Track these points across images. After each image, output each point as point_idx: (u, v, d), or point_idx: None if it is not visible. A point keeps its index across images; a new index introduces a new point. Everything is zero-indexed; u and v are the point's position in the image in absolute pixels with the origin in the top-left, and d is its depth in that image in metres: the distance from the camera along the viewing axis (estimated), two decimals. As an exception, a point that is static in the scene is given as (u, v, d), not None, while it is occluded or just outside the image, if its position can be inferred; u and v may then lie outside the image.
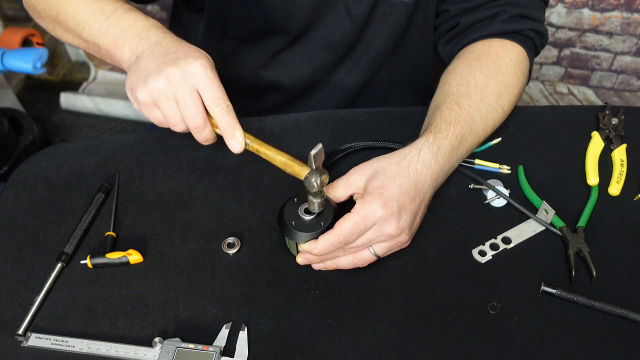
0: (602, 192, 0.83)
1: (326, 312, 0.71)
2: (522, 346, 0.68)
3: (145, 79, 0.68)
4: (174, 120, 0.70)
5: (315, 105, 1.06)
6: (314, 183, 0.67)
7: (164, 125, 0.72)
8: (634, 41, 1.96)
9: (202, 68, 0.68)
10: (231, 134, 0.70)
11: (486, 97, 0.81)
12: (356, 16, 0.94)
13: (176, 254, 0.77)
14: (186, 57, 0.68)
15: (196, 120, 0.69)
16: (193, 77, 0.67)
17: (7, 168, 1.75)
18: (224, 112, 0.69)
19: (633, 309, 0.70)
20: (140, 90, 0.69)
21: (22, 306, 0.72)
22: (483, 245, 0.77)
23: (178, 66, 0.67)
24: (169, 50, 0.70)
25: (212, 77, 0.68)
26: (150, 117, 0.71)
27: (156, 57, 0.69)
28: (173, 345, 0.67)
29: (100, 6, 0.75)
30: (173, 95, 0.68)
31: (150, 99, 0.69)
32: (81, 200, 0.83)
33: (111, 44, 0.74)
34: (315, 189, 0.68)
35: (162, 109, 0.69)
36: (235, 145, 0.70)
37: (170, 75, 0.67)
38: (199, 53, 0.70)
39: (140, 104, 0.70)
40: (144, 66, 0.69)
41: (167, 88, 0.68)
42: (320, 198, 0.70)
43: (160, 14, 2.21)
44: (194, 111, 0.68)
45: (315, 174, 0.67)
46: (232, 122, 0.69)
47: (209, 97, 0.68)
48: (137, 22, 0.74)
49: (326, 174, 0.68)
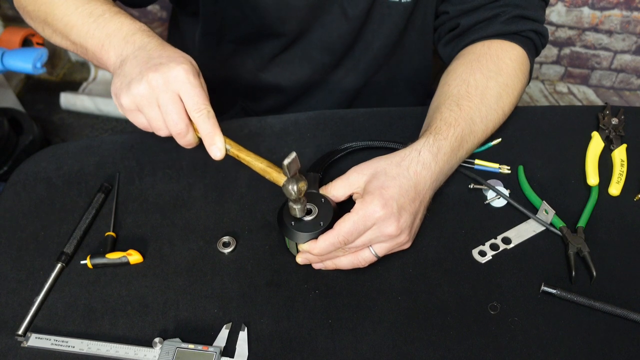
0: (602, 192, 0.83)
1: (326, 312, 0.71)
2: (522, 346, 0.68)
3: (128, 84, 0.68)
4: (157, 125, 0.70)
5: (314, 106, 1.06)
6: (291, 191, 0.67)
7: (149, 130, 0.72)
8: (633, 40, 1.96)
9: (184, 73, 0.67)
10: (211, 141, 0.69)
11: (486, 98, 0.81)
12: (352, 17, 0.94)
13: (176, 254, 0.77)
14: (168, 62, 0.68)
15: (178, 126, 0.69)
16: (175, 83, 0.67)
17: (7, 168, 1.74)
18: (205, 118, 0.68)
19: (633, 309, 0.70)
20: (124, 96, 0.69)
21: (22, 306, 0.72)
22: (483, 245, 0.77)
23: (160, 72, 0.67)
24: (153, 55, 0.70)
25: (193, 82, 0.68)
26: (135, 122, 0.71)
27: (140, 61, 0.69)
28: (173, 346, 0.67)
29: (89, 8, 0.75)
30: (155, 100, 0.68)
31: (133, 104, 0.69)
32: (81, 200, 0.83)
33: (97, 47, 0.74)
34: (294, 196, 0.67)
35: (146, 115, 0.69)
36: (216, 152, 0.69)
37: (152, 81, 0.67)
38: (182, 58, 0.70)
39: (125, 109, 0.70)
40: (128, 71, 0.69)
41: (149, 94, 0.67)
42: (300, 204, 0.69)
43: (161, 14, 2.20)
44: (176, 117, 0.68)
45: (291, 182, 0.66)
46: (212, 128, 0.69)
47: (190, 103, 0.68)
48: (123, 25, 0.73)
49: (303, 180, 0.67)
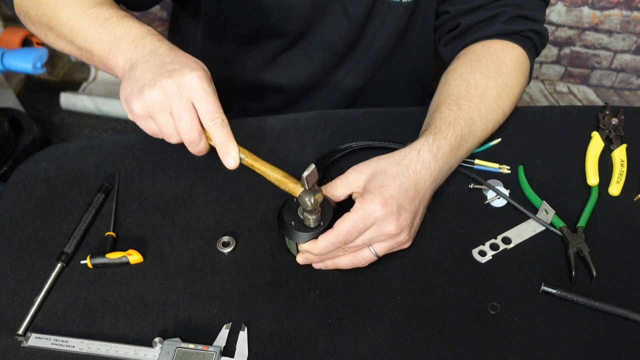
0: (602, 192, 0.83)
1: (326, 312, 0.71)
2: (522, 346, 0.68)
3: (141, 90, 0.67)
4: (168, 132, 0.68)
5: (315, 106, 1.06)
6: (308, 202, 0.67)
7: (158, 137, 0.71)
8: (633, 39, 1.96)
9: (198, 80, 0.66)
10: (225, 150, 0.68)
11: (486, 98, 0.81)
12: (354, 17, 0.94)
13: (176, 254, 0.77)
14: (182, 68, 0.67)
15: (191, 134, 0.68)
16: (189, 90, 0.66)
17: (7, 168, 1.74)
18: (219, 127, 0.67)
19: (633, 309, 0.70)
20: (135, 102, 0.67)
21: (22, 306, 0.72)
22: (483, 245, 0.77)
23: (174, 78, 0.66)
24: (165, 60, 0.68)
25: (207, 90, 0.67)
26: (145, 128, 0.70)
27: (152, 66, 0.68)
28: (173, 345, 0.67)
29: (95, 12, 0.74)
30: (168, 107, 0.67)
31: (145, 110, 0.67)
32: (81, 200, 0.83)
33: (105, 51, 0.72)
34: (310, 207, 0.68)
35: (157, 121, 0.68)
36: (230, 161, 0.69)
37: (165, 87, 0.66)
38: (196, 64, 0.68)
39: (135, 115, 0.69)
40: (139, 76, 0.68)
41: (162, 100, 0.66)
42: (315, 214, 0.70)
43: (161, 14, 2.20)
44: (189, 125, 0.67)
45: (308, 194, 0.67)
46: (226, 137, 0.68)
47: (204, 111, 0.67)
48: (132, 29, 0.72)
49: (320, 192, 0.68)
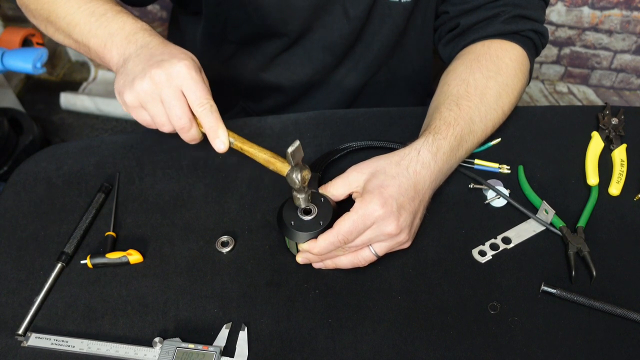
0: (602, 192, 0.83)
1: (326, 312, 0.71)
2: (522, 346, 0.68)
3: (132, 81, 0.70)
4: (160, 121, 0.71)
5: (315, 106, 1.06)
6: (295, 179, 0.68)
7: (152, 127, 0.73)
8: (633, 39, 1.96)
9: (185, 69, 0.69)
10: (215, 134, 0.71)
11: (486, 98, 0.81)
12: (354, 17, 0.94)
13: (176, 254, 0.77)
14: (170, 58, 0.69)
15: (182, 120, 0.70)
16: (177, 78, 0.69)
17: (7, 168, 1.75)
18: (208, 112, 0.70)
19: (633, 309, 0.70)
20: (127, 93, 0.70)
21: (22, 306, 0.72)
22: (483, 245, 0.77)
23: (162, 68, 0.68)
24: (155, 52, 0.71)
25: (195, 77, 0.69)
26: (139, 118, 0.73)
27: (142, 59, 0.71)
28: (173, 345, 0.67)
29: (91, 8, 0.77)
30: (158, 96, 0.69)
31: (137, 101, 0.70)
32: (81, 200, 0.83)
33: (100, 46, 0.75)
34: (298, 185, 0.69)
35: (149, 111, 0.71)
36: (220, 145, 0.71)
37: (155, 77, 0.68)
38: (184, 54, 0.71)
39: (128, 106, 0.72)
40: (131, 69, 0.71)
41: (152, 89, 0.69)
42: (304, 193, 0.70)
43: (161, 14, 2.20)
44: (179, 112, 0.70)
45: (295, 171, 0.68)
46: (215, 122, 0.71)
47: (193, 98, 0.70)
48: (125, 25, 0.75)
49: (307, 169, 0.69)
